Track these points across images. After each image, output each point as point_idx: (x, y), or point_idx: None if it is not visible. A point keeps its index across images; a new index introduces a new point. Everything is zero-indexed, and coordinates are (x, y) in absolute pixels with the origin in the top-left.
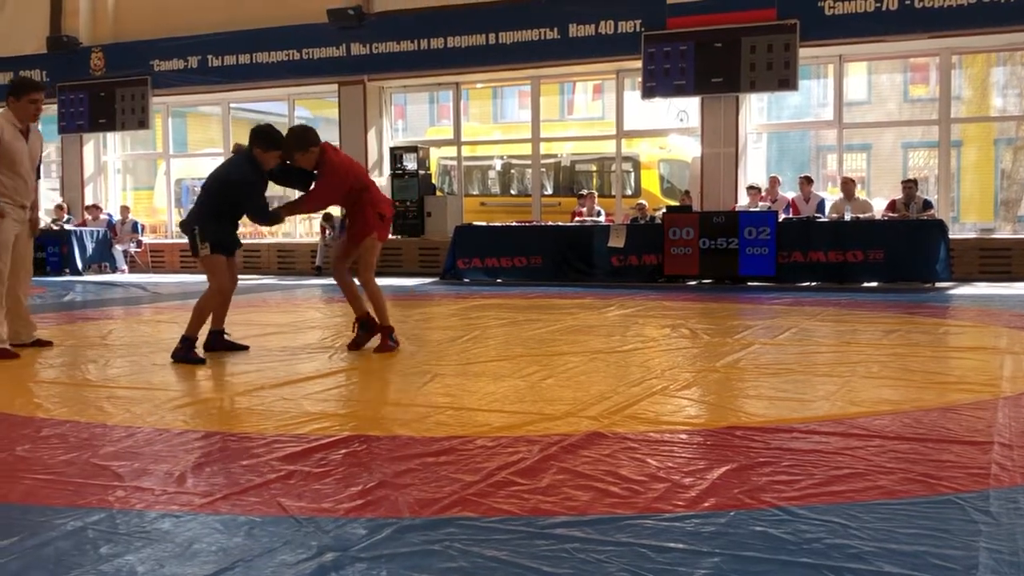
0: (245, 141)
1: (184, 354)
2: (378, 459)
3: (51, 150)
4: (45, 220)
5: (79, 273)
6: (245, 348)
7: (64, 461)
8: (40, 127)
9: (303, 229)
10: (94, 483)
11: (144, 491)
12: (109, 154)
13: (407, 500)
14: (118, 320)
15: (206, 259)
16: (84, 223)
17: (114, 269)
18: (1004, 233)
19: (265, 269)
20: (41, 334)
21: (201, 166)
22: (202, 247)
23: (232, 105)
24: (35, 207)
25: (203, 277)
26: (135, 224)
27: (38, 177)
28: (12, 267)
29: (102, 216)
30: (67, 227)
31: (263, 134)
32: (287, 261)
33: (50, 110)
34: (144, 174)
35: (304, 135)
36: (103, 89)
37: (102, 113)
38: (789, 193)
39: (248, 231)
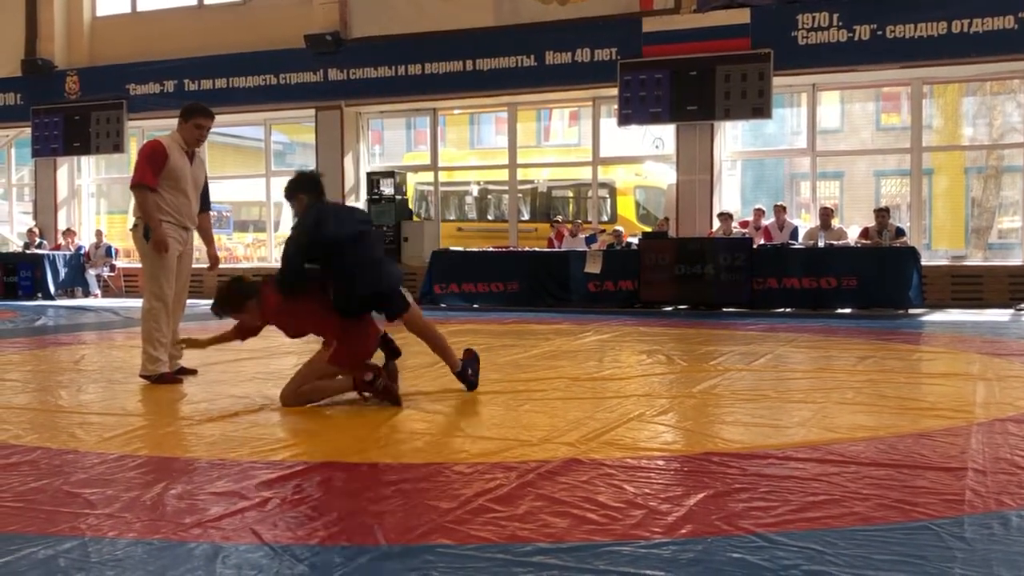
0: (222, 165)
1: None
2: (354, 486)
3: (24, 173)
4: (17, 244)
5: (51, 297)
6: None
7: (35, 488)
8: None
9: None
10: (65, 511)
11: (117, 519)
12: (83, 178)
13: (384, 527)
14: (91, 345)
15: None
16: (58, 247)
17: (87, 293)
18: (975, 260)
19: None
20: (14, 360)
21: None
22: None
23: None
24: (211, 241)
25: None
26: (109, 248)
27: (207, 207)
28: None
29: (75, 242)
30: (39, 251)
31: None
32: None
33: (24, 133)
34: (119, 198)
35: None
36: (78, 112)
37: (77, 136)
38: (764, 221)
39: (224, 255)
